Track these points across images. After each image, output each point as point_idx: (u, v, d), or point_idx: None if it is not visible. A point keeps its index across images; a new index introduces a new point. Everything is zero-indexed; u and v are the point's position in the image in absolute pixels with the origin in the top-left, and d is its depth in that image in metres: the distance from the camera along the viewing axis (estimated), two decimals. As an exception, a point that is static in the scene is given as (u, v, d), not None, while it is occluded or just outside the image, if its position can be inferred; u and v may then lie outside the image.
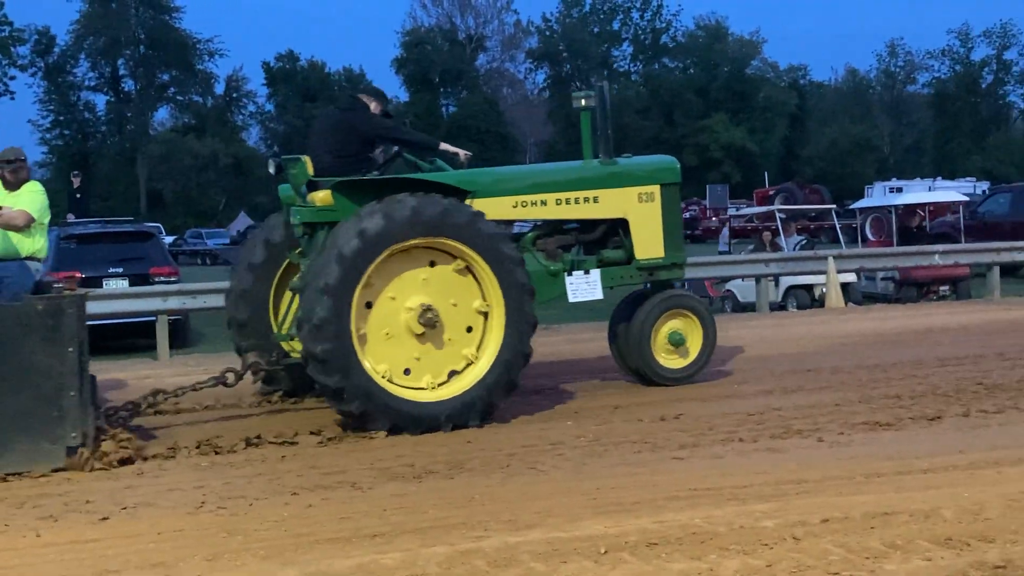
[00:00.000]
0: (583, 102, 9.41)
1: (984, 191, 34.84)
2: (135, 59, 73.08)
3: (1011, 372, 9.58)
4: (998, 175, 62.48)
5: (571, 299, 9.13)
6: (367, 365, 7.81)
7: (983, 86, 76.71)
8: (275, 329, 9.24)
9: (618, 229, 9.40)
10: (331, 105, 9.22)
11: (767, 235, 20.21)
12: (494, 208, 8.63)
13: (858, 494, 5.69)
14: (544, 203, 9.10)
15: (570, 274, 9.13)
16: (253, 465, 7.13)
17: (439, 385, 8.06)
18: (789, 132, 73.56)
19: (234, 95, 76.47)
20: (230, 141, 71.68)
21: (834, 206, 24.29)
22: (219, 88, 75.60)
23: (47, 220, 8.84)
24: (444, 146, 9.10)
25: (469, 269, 8.16)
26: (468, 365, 8.12)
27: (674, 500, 5.74)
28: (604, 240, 9.43)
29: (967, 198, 26.31)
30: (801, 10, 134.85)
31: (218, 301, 12.49)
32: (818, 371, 9.99)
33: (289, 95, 73.36)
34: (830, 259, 16.92)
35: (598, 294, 9.26)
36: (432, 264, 8.13)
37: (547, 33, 78.20)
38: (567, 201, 9.14)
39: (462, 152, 9.14)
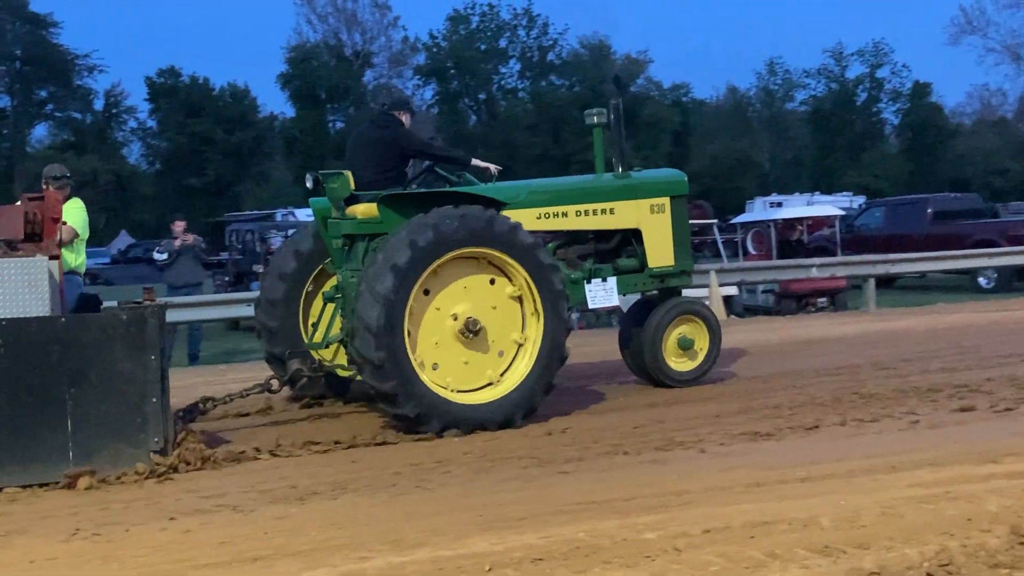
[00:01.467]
0: (595, 119, 9.89)
1: (860, 205, 35.89)
2: (11, 75, 70.91)
3: (886, 381, 9.86)
4: (873, 190, 64.48)
5: (591, 305, 9.65)
6: (420, 371, 8.18)
7: (858, 103, 79.04)
8: (305, 338, 9.64)
9: (631, 239, 9.97)
10: (367, 122, 9.81)
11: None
12: (522, 220, 8.91)
13: (739, 504, 5.78)
14: (565, 215, 9.63)
15: (589, 282, 9.62)
16: (130, 490, 6.94)
17: (485, 387, 8.47)
18: (673, 148, 74.77)
19: (114, 111, 74.74)
20: (110, 158, 69.97)
21: (716, 221, 24.76)
22: (98, 104, 73.87)
23: (87, 236, 9.08)
24: (476, 162, 9.57)
25: (510, 280, 8.57)
26: (509, 368, 8.54)
27: (559, 515, 5.74)
28: (619, 249, 10.01)
29: (843, 212, 27.08)
30: (683, 29, 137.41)
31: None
32: (700, 383, 10.15)
33: (171, 111, 71.92)
34: (712, 273, 17.22)
35: (615, 300, 9.82)
36: (476, 273, 8.52)
37: (434, 50, 78.26)
38: (586, 213, 9.69)
39: (492, 166, 9.61)
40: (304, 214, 47.67)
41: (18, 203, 8.39)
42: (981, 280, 22.04)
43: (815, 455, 6.98)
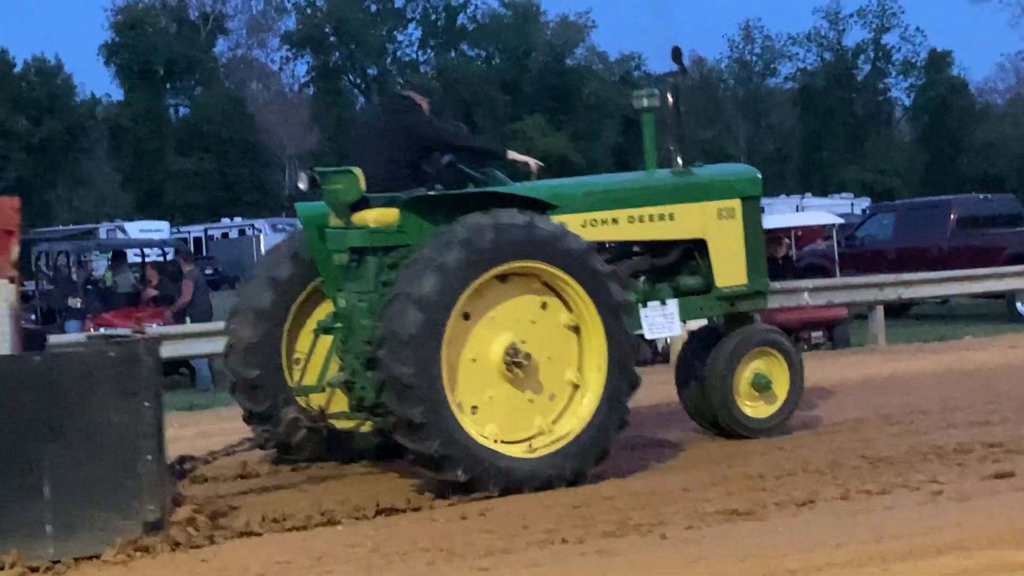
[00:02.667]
0: (645, 102, 10.17)
1: (863, 211, 36.47)
2: None
3: (899, 440, 10.00)
4: (880, 190, 65.69)
5: (648, 335, 9.84)
6: (463, 422, 8.46)
7: (859, 78, 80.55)
8: (292, 382, 9.82)
9: (694, 251, 10.18)
10: (375, 107, 9.56)
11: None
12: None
13: (711, 607, 5.82)
14: (616, 221, 9.79)
15: (644, 305, 9.75)
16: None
17: (534, 437, 8.77)
18: (622, 138, 75.41)
19: None
20: None
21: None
22: None
23: None
24: (512, 155, 9.80)
25: (566, 305, 8.87)
26: (563, 414, 8.85)
27: (476, 628, 5.73)
28: (679, 265, 10.25)
29: (842, 220, 27.44)
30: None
31: None
32: (661, 444, 10.18)
33: (-47, 94, 70.83)
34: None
35: (676, 329, 10.15)
36: (524, 295, 8.84)
37: (308, 12, 78.24)
38: (640, 219, 9.88)
39: (532, 161, 9.84)
40: (138, 228, 47.24)
41: None
42: (1020, 306, 22.45)
43: (808, 539, 7.02)
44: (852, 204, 47.64)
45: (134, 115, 71.69)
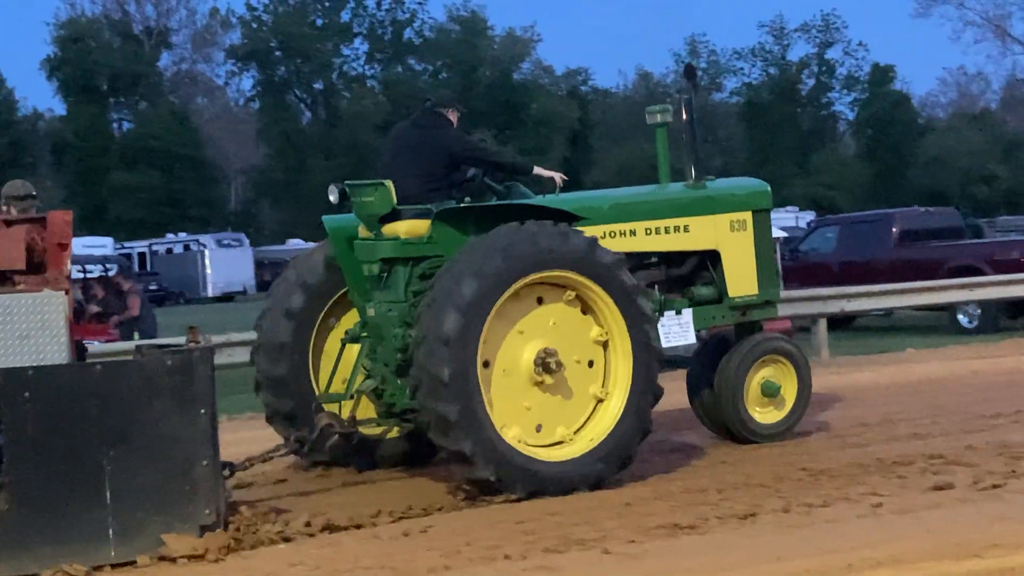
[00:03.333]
0: (659, 117, 10.66)
1: (808, 224, 36.69)
2: None
3: (841, 453, 10.09)
4: (824, 203, 66.11)
5: (663, 344, 9.76)
6: (497, 425, 8.75)
7: (803, 92, 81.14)
8: (317, 388, 10.03)
9: (707, 262, 10.57)
10: (406, 121, 10.43)
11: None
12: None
13: (652, 622, 5.82)
14: (634, 233, 10.13)
15: (661, 315, 9.94)
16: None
17: (555, 445, 9.09)
18: (570, 152, 75.61)
19: None
20: None
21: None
22: None
23: None
24: (538, 170, 10.12)
25: (590, 308, 9.19)
26: (586, 425, 9.15)
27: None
28: (692, 275, 10.63)
29: (785, 234, 27.60)
30: (577, 1, 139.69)
31: None
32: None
33: None
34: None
35: (691, 338, 10.44)
36: (557, 304, 9.13)
37: (254, 26, 77.92)
38: (656, 231, 10.25)
39: (558, 175, 10.16)
40: (81, 244, 46.80)
41: None
42: (961, 318, 22.65)
43: (750, 552, 7.07)
44: (797, 218, 47.94)
45: (77, 130, 71.10)
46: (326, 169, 71.15)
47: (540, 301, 9.14)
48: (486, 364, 8.88)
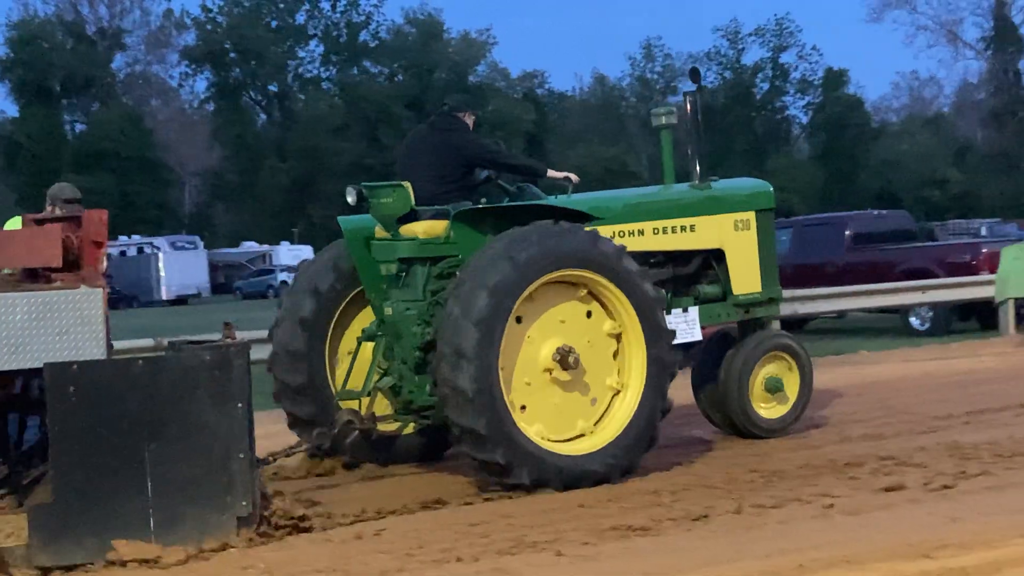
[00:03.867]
0: (663, 119, 10.96)
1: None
2: None
3: (793, 454, 10.12)
4: (779, 206, 66.46)
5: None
6: (513, 412, 8.96)
7: (758, 96, 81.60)
8: (334, 388, 10.23)
9: (711, 261, 10.83)
10: (423, 125, 10.73)
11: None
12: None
13: (604, 624, 5.82)
14: (642, 232, 10.34)
15: (668, 312, 10.08)
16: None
17: (576, 439, 9.29)
18: (525, 155, 75.71)
19: None
20: None
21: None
22: None
23: None
24: (552, 172, 10.38)
25: (608, 314, 9.41)
26: (603, 417, 9.37)
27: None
28: (698, 274, 10.87)
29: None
30: (532, 3, 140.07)
31: None
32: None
33: None
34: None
35: (697, 335, 10.63)
36: (571, 303, 9.34)
37: (208, 28, 77.63)
38: (664, 230, 10.49)
39: (572, 176, 10.40)
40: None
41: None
42: (913, 320, 22.81)
43: (703, 554, 7.08)
44: (752, 221, 48.09)
45: (30, 132, 70.61)
46: (280, 172, 71.02)
47: (556, 298, 9.32)
48: (507, 365, 9.03)
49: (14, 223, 9.95)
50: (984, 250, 22.92)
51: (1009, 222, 48.41)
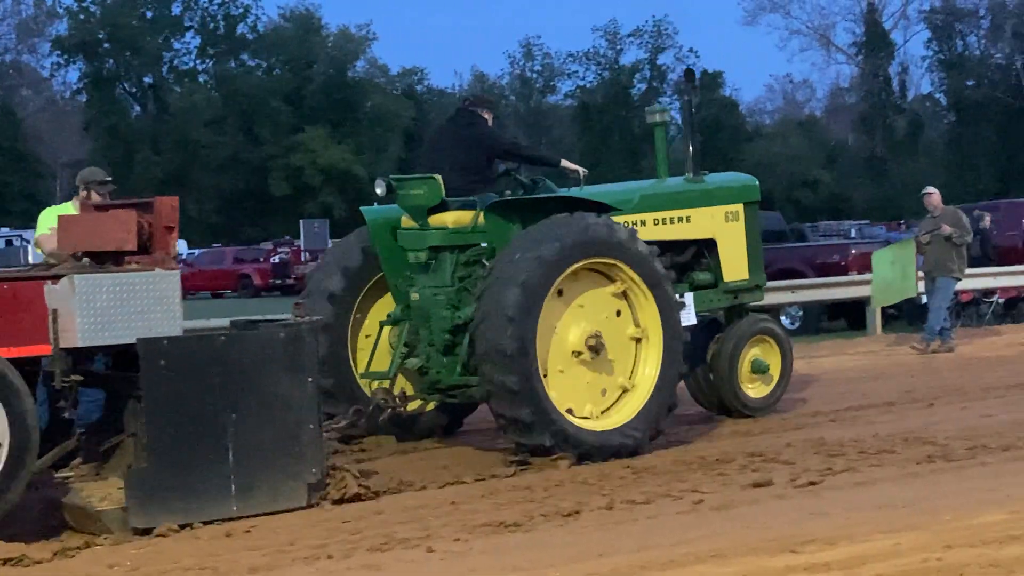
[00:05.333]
0: (658, 117, 11.90)
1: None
2: None
3: (664, 452, 10.23)
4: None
5: None
6: (551, 396, 9.59)
7: (635, 96, 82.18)
8: (356, 369, 10.78)
9: (704, 250, 11.56)
10: (445, 121, 11.49)
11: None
12: None
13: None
14: (644, 223, 11.04)
15: None
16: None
17: (606, 411, 9.98)
18: (406, 153, 75.48)
19: None
20: None
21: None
22: None
23: None
24: (564, 163, 11.04)
25: (633, 317, 10.13)
26: (626, 391, 10.04)
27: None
28: (692, 262, 11.57)
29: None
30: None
31: None
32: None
33: None
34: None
35: (692, 319, 11.12)
36: (600, 290, 10.02)
37: (81, 17, 76.14)
38: (663, 221, 11.28)
39: (581, 169, 11.03)
40: None
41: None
42: (783, 319, 23.17)
43: (574, 550, 7.13)
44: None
45: None
46: (154, 164, 70.00)
47: (592, 286, 10.00)
48: (543, 336, 9.66)
49: (54, 214, 10.36)
50: (853, 251, 23.36)
51: (878, 224, 49.44)
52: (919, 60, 78.54)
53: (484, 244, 10.21)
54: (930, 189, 18.44)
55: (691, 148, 12.06)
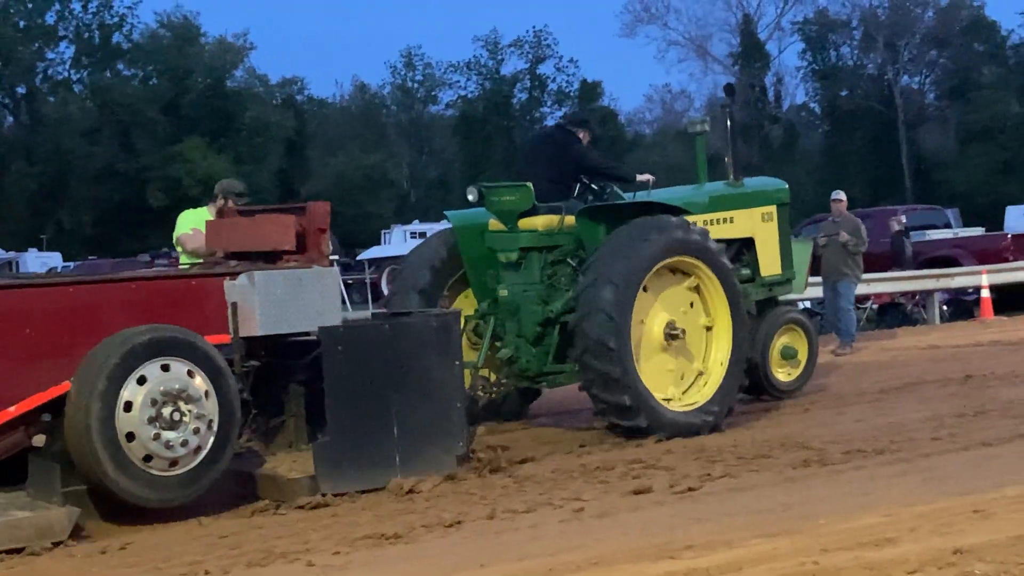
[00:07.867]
0: (699, 127, 12.82)
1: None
2: None
3: (547, 460, 10.24)
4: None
5: None
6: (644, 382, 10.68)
7: (516, 106, 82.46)
8: None
9: (743, 248, 12.69)
10: (542, 136, 12.90)
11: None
12: None
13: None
14: (706, 224, 11.95)
15: None
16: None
17: (686, 393, 11.15)
18: (286, 163, 74.93)
19: None
20: None
21: (336, 257, 24.93)
22: None
23: None
24: (639, 177, 12.00)
25: (704, 308, 11.30)
26: (701, 374, 11.24)
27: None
28: (734, 259, 12.38)
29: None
30: (294, 7, 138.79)
31: None
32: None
33: None
34: None
35: None
36: (678, 287, 11.20)
37: (-49, 26, 74.48)
38: (711, 223, 12.19)
39: (651, 178, 12.09)
40: None
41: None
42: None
43: (454, 560, 7.11)
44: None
45: None
46: (28, 176, 68.68)
47: (671, 282, 11.14)
48: (635, 327, 10.72)
49: (195, 216, 11.67)
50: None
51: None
52: (794, 70, 79.75)
53: (570, 245, 11.40)
54: (839, 196, 18.97)
55: (731, 155, 13.21)
